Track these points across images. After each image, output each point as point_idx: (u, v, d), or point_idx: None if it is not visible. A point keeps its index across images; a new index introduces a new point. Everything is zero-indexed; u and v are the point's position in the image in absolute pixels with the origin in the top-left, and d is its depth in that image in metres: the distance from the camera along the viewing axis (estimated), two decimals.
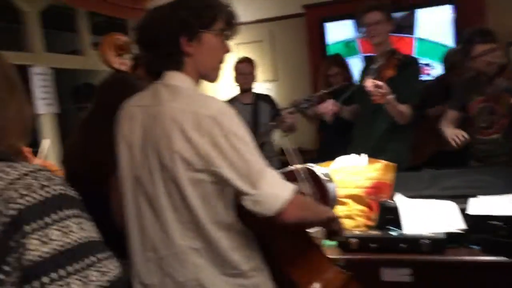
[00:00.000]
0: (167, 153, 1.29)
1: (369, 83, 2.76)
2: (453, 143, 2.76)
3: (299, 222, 1.36)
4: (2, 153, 0.82)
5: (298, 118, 3.98)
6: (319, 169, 1.95)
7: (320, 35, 4.83)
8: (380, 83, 2.73)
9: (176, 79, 1.37)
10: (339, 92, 3.39)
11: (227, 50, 1.44)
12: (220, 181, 1.28)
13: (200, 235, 1.31)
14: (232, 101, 3.94)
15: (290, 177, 1.62)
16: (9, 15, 3.90)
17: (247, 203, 1.27)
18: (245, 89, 3.91)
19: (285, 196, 1.28)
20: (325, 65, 3.93)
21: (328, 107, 3.24)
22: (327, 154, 2.94)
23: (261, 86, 5.16)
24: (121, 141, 1.42)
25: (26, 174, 0.79)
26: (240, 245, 1.35)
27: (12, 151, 0.84)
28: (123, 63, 1.58)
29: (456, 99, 3.04)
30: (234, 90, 4.08)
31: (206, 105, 1.29)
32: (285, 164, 3.61)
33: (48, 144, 2.83)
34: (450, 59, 3.84)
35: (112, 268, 0.82)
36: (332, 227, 1.54)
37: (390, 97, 2.76)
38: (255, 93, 3.98)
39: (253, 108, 3.88)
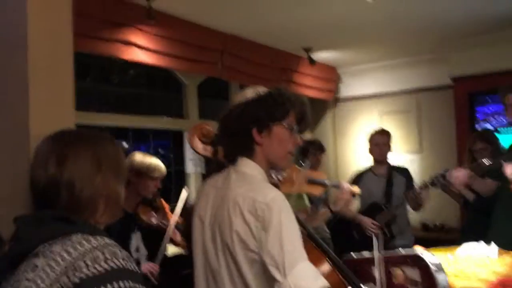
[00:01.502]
0: (228, 232, 1.42)
1: (509, 171, 2.54)
2: None
3: None
4: (86, 226, 1.00)
5: (441, 194, 3.79)
6: (430, 257, 1.86)
7: (469, 108, 4.58)
8: None
9: (246, 165, 1.53)
10: (483, 168, 3.17)
11: (296, 142, 1.57)
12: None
13: None
14: (365, 172, 3.92)
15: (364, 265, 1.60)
16: (173, 87, 4.50)
17: None
18: (380, 160, 3.86)
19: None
20: (471, 140, 3.72)
21: (459, 176, 3.03)
22: (469, 235, 2.76)
23: (405, 157, 5.03)
24: (196, 215, 1.60)
25: (96, 248, 0.95)
26: None
27: (96, 224, 1.02)
28: (206, 149, 1.78)
29: None
30: (369, 161, 4.04)
31: (263, 192, 1.42)
32: (426, 240, 3.47)
33: (187, 195, 3.06)
34: None
35: None
36: None
37: None
38: (391, 165, 3.90)
39: (386, 180, 3.80)
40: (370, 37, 4.43)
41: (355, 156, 5.35)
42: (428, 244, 2.35)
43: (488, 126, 4.43)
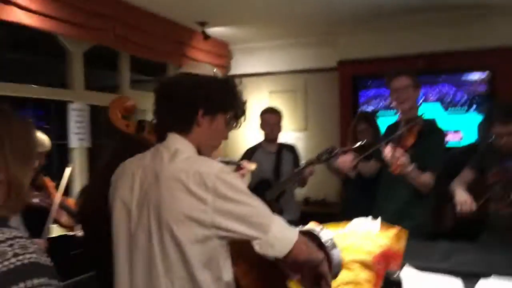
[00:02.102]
0: (170, 213, 1.34)
1: (388, 151, 2.73)
2: (458, 208, 2.69)
3: (306, 259, 1.45)
4: None
5: (324, 171, 4.00)
6: (324, 233, 1.94)
7: (352, 90, 4.86)
8: (398, 153, 2.71)
9: (179, 143, 1.45)
10: (365, 149, 3.39)
11: (226, 138, 1.56)
12: (227, 235, 1.34)
13: None
14: (256, 148, 4.00)
15: None
16: (55, 53, 4.14)
17: (260, 247, 1.35)
18: (270, 139, 3.97)
19: (294, 237, 1.39)
20: (354, 121, 3.95)
21: (346, 161, 3.22)
22: (350, 210, 2.92)
23: (292, 135, 5.23)
24: (117, 198, 1.48)
25: (2, 241, 0.83)
26: None
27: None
28: (128, 125, 1.66)
29: (476, 160, 2.94)
30: (259, 137, 4.11)
31: (208, 165, 1.37)
32: (305, 214, 3.64)
33: (70, 172, 2.87)
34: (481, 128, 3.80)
35: None
36: (323, 270, 1.54)
37: (409, 168, 2.73)
38: (280, 143, 4.02)
39: (276, 157, 3.92)
40: (263, 16, 4.47)
41: (244, 133, 5.42)
42: (310, 218, 2.45)
43: (369, 108, 4.76)
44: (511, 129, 2.64)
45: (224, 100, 1.49)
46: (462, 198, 2.73)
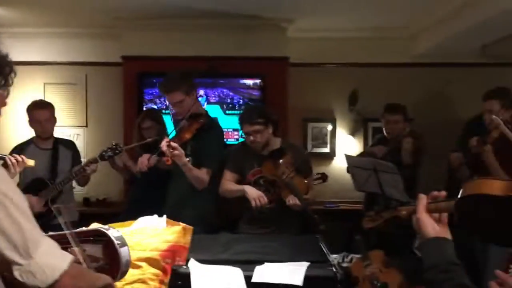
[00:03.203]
0: None
1: (163, 144, 2.82)
2: (253, 203, 2.93)
3: None
4: None
5: (105, 169, 3.86)
6: (112, 231, 1.88)
7: (137, 87, 4.81)
8: (174, 144, 2.82)
9: None
10: (151, 146, 3.40)
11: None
12: None
13: None
14: (27, 144, 3.63)
15: (64, 240, 1.54)
16: None
17: (19, 274, 1.16)
18: (43, 137, 3.62)
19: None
20: (140, 118, 3.93)
21: (144, 162, 3.18)
22: (135, 209, 2.89)
23: (71, 130, 4.91)
24: None
25: None
26: None
27: None
28: None
29: (233, 161, 3.21)
30: (32, 132, 3.71)
31: None
32: (85, 215, 3.45)
33: None
34: None
35: None
36: None
37: (184, 160, 2.86)
38: (56, 138, 3.71)
39: (52, 154, 3.61)
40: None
41: (15, 126, 4.82)
42: (92, 219, 2.35)
43: (154, 106, 4.76)
44: (254, 128, 3.01)
45: None
46: (256, 194, 2.96)
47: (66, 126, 4.95)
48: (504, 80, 4.11)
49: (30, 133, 3.71)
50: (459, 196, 1.17)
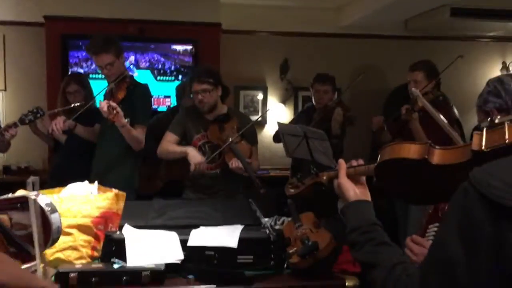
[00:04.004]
0: None
1: (103, 105, 2.76)
2: (193, 168, 2.93)
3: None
4: None
5: (27, 135, 3.67)
6: (42, 198, 1.82)
7: (61, 50, 4.56)
8: (114, 104, 2.79)
9: None
10: (76, 111, 3.28)
11: None
12: None
13: None
14: None
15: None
16: None
17: None
18: None
19: None
20: (64, 82, 3.75)
21: (58, 124, 3.06)
22: (60, 176, 2.80)
23: None
24: None
25: None
26: None
27: None
28: None
29: (176, 124, 3.18)
30: None
31: None
32: (8, 184, 3.28)
33: None
34: (179, 91, 4.14)
35: None
36: None
37: (124, 121, 2.84)
38: None
39: None
40: None
41: None
42: (15, 187, 2.25)
43: (80, 70, 4.55)
44: (203, 87, 2.98)
45: None
46: (197, 159, 2.94)
47: None
48: (426, 52, 4.35)
49: None
50: (378, 161, 1.21)
